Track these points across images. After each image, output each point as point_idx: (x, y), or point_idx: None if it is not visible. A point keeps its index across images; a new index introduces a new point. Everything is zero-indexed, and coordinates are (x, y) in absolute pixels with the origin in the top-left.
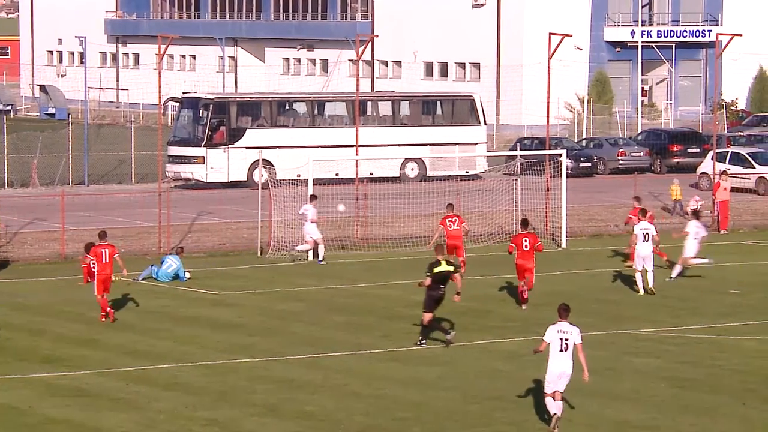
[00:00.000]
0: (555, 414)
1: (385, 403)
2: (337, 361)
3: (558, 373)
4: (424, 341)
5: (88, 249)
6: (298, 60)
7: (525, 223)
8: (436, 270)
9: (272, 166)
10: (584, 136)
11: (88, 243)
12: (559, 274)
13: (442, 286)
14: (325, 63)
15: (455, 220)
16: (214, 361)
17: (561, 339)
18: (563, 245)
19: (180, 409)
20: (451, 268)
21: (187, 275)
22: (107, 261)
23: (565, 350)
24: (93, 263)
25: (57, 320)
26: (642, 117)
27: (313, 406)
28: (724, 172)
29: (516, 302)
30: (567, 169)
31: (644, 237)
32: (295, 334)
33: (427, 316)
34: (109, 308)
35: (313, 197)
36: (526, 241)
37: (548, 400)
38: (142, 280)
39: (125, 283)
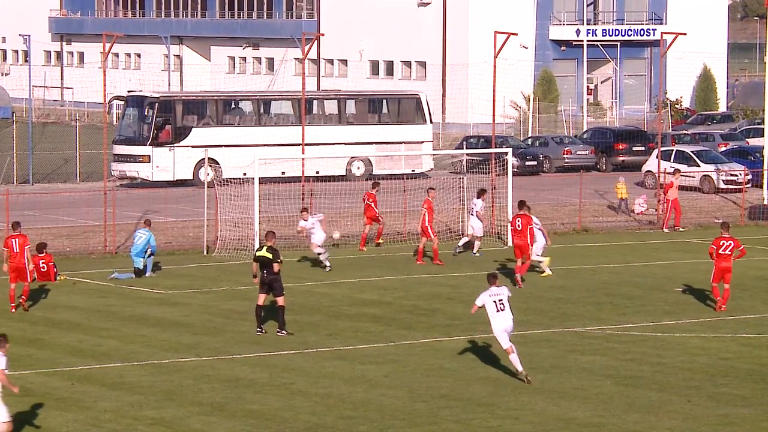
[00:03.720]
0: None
1: (331, 402)
2: (284, 359)
3: (502, 329)
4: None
5: (40, 249)
6: (244, 58)
7: (521, 204)
8: (258, 254)
9: (218, 164)
10: (530, 135)
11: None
12: (506, 273)
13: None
14: (270, 62)
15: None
16: (160, 360)
17: (494, 301)
18: (510, 244)
19: (126, 409)
20: (270, 255)
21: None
22: (18, 251)
23: (502, 310)
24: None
25: (1, 319)
26: (587, 115)
27: (259, 404)
28: (677, 170)
29: (460, 301)
30: (513, 168)
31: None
32: (241, 333)
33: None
34: (20, 298)
35: (482, 191)
36: (518, 221)
37: (512, 357)
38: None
39: (70, 282)
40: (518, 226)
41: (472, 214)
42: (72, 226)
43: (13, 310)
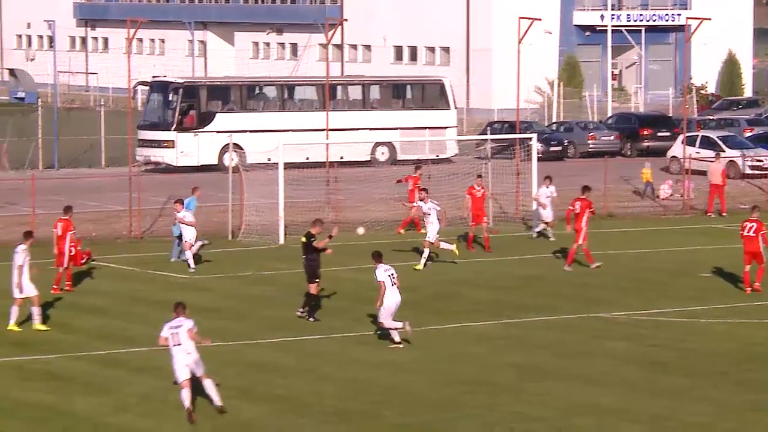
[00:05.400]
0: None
1: (357, 387)
2: (310, 344)
3: (395, 304)
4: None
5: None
6: (268, 44)
7: (584, 188)
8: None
9: (242, 150)
10: (554, 120)
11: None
12: (529, 258)
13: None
14: (294, 47)
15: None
16: None
17: (389, 276)
18: (535, 229)
19: (152, 393)
20: (302, 240)
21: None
22: (60, 234)
23: (395, 284)
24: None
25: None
26: (612, 101)
27: (285, 389)
28: (718, 155)
29: (485, 287)
30: (537, 153)
31: None
32: (267, 318)
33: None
34: (66, 283)
35: (546, 178)
36: (578, 204)
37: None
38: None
39: (97, 266)
40: (576, 210)
41: (539, 202)
42: (97, 211)
43: (56, 292)
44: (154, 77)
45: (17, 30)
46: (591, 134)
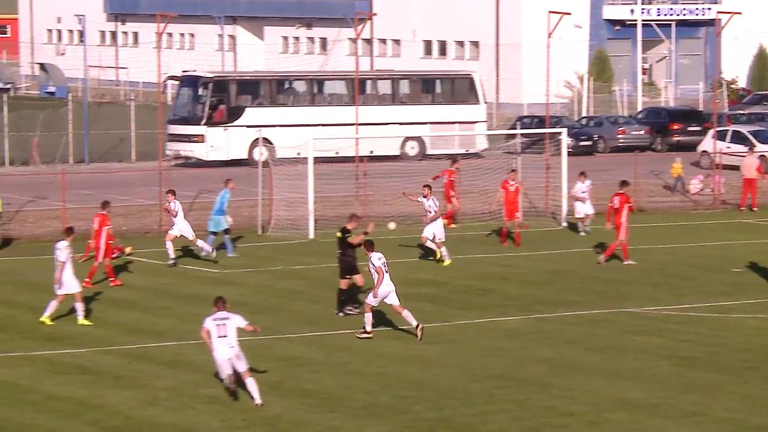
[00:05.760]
0: (418, 324)
1: (386, 381)
2: (339, 339)
3: (387, 292)
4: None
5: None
6: (297, 38)
7: (622, 183)
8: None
9: (272, 144)
10: (584, 115)
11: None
12: (559, 253)
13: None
14: (324, 41)
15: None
16: None
17: (383, 264)
18: (564, 224)
19: (182, 387)
20: (338, 235)
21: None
22: (97, 228)
23: (387, 272)
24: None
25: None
26: (642, 95)
27: (315, 383)
28: (751, 149)
29: (515, 281)
30: (567, 148)
31: None
32: (297, 312)
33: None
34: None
35: (582, 173)
36: (616, 199)
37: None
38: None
39: (125, 261)
40: (615, 204)
41: (576, 197)
42: (128, 206)
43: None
44: (183, 72)
45: (48, 24)
46: (621, 129)
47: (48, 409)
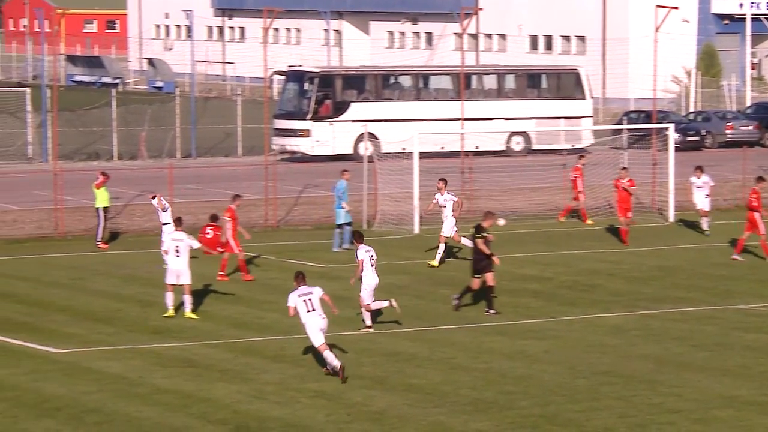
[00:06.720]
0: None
1: (491, 377)
2: (444, 334)
3: (374, 284)
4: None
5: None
6: (403, 33)
7: (758, 179)
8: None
9: (377, 139)
10: (692, 110)
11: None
12: (666, 249)
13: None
14: (429, 36)
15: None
16: None
17: (370, 257)
18: (671, 219)
19: (288, 381)
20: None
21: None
22: (231, 221)
23: (374, 265)
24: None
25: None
26: (751, 90)
27: (419, 378)
28: None
29: (621, 277)
30: (674, 143)
31: None
32: (401, 308)
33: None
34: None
35: (698, 168)
36: (753, 196)
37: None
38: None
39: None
40: (754, 201)
41: (691, 191)
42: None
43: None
44: (290, 66)
45: (156, 20)
46: (729, 124)
47: (155, 402)
